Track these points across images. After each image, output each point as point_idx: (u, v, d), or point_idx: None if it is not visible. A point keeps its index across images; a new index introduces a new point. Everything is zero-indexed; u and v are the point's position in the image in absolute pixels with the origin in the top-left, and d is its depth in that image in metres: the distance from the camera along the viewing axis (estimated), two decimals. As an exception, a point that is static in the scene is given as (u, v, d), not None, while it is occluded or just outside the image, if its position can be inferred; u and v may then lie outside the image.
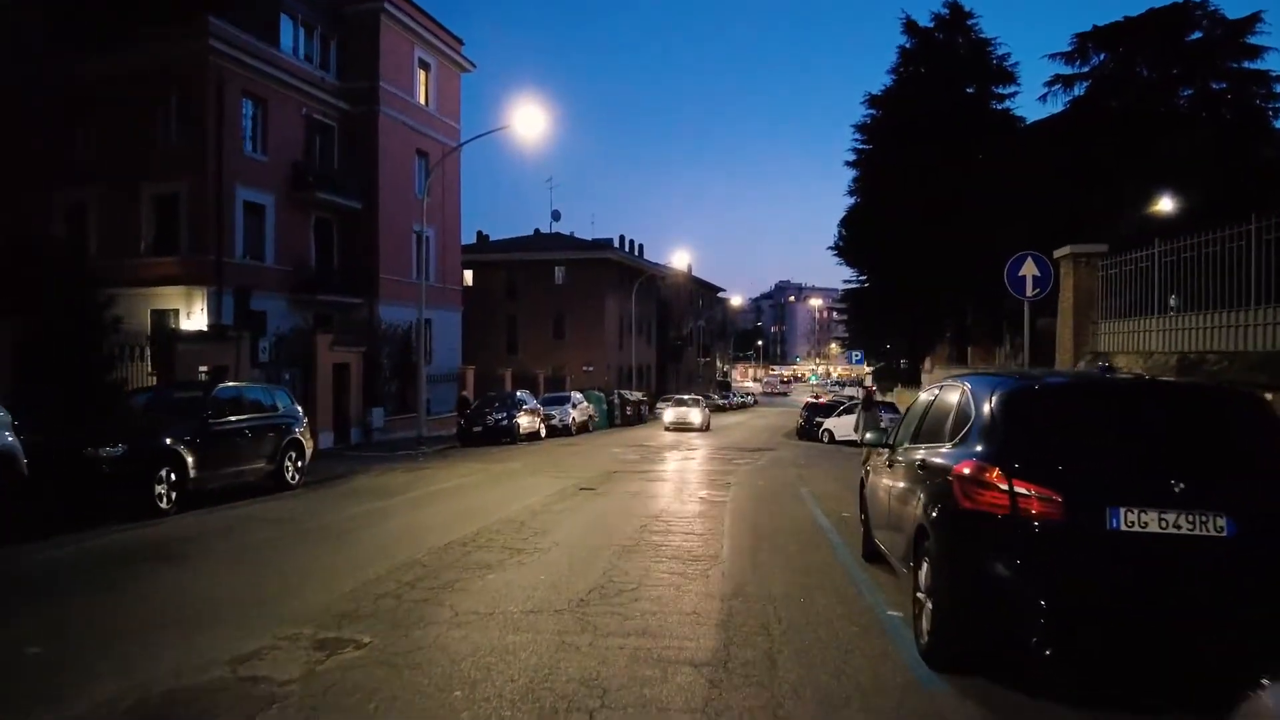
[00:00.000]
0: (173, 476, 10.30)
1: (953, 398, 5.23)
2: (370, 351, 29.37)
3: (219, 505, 10.99)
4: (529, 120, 23.41)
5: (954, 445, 4.70)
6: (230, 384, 13.60)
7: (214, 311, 26.54)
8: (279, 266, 29.63)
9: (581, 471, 15.48)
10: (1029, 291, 10.67)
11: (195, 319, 25.74)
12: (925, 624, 4.57)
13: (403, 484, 13.94)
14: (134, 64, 26.83)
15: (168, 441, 10.50)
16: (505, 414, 24.88)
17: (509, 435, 24.57)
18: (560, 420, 29.44)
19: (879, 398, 24.49)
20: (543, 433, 27.37)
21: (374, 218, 33.31)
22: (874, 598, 5.94)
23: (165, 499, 10.15)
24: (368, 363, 27.28)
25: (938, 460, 4.78)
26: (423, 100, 37.32)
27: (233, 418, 12.00)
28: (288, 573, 6.94)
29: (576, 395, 33.35)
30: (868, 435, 6.94)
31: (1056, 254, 13.99)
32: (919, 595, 4.74)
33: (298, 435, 13.50)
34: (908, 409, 6.55)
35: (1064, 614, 3.82)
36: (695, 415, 34.08)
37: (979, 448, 4.33)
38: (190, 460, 10.66)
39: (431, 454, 21.75)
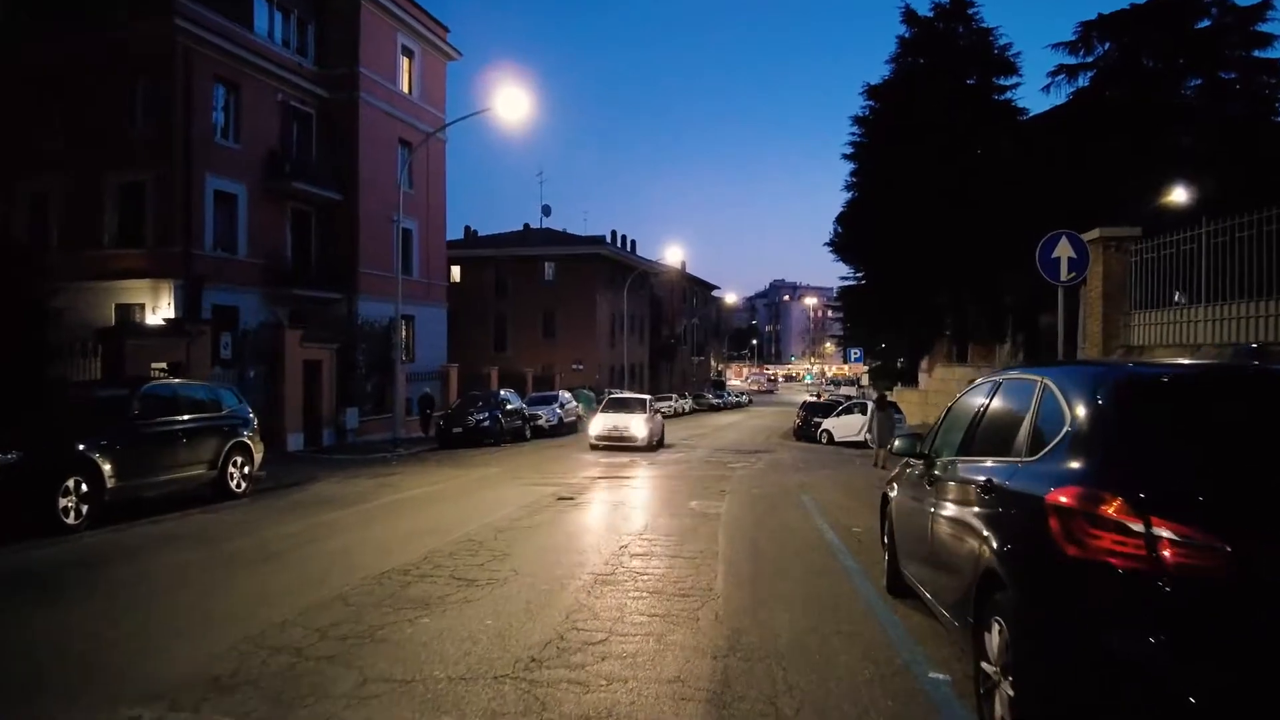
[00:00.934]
0: (84, 487, 8.92)
1: (1023, 396, 3.91)
2: (346, 349, 27.98)
3: (143, 518, 9.63)
4: (512, 103, 22.11)
5: (1036, 460, 3.39)
6: (163, 381, 12.21)
7: (181, 306, 25.15)
8: (252, 259, 28.24)
9: (563, 477, 14.16)
10: (1063, 275, 9.41)
11: (162, 314, 24.37)
12: (999, 710, 3.27)
13: (362, 492, 12.60)
14: (97, 46, 25.43)
15: (80, 447, 9.12)
16: (488, 414, 23.52)
17: (491, 437, 23.22)
18: (547, 420, 28.09)
19: (891, 397, 23.15)
20: (528, 434, 26.03)
21: (354, 209, 31.92)
22: (910, 651, 4.63)
23: (74, 513, 8.78)
24: (342, 360, 25.92)
25: (1015, 483, 3.46)
26: (406, 88, 35.94)
27: (165, 419, 10.63)
28: (177, 613, 5.59)
29: (565, 394, 31.99)
30: (896, 442, 5.63)
31: (1084, 238, 12.78)
32: (987, 667, 3.43)
33: (245, 438, 12.14)
34: (947, 411, 5.25)
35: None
36: (637, 427, 21.53)
37: (1081, 465, 3.03)
38: (108, 468, 9.30)
39: (406, 457, 20.41)
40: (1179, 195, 26.62)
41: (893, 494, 6.07)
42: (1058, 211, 30.99)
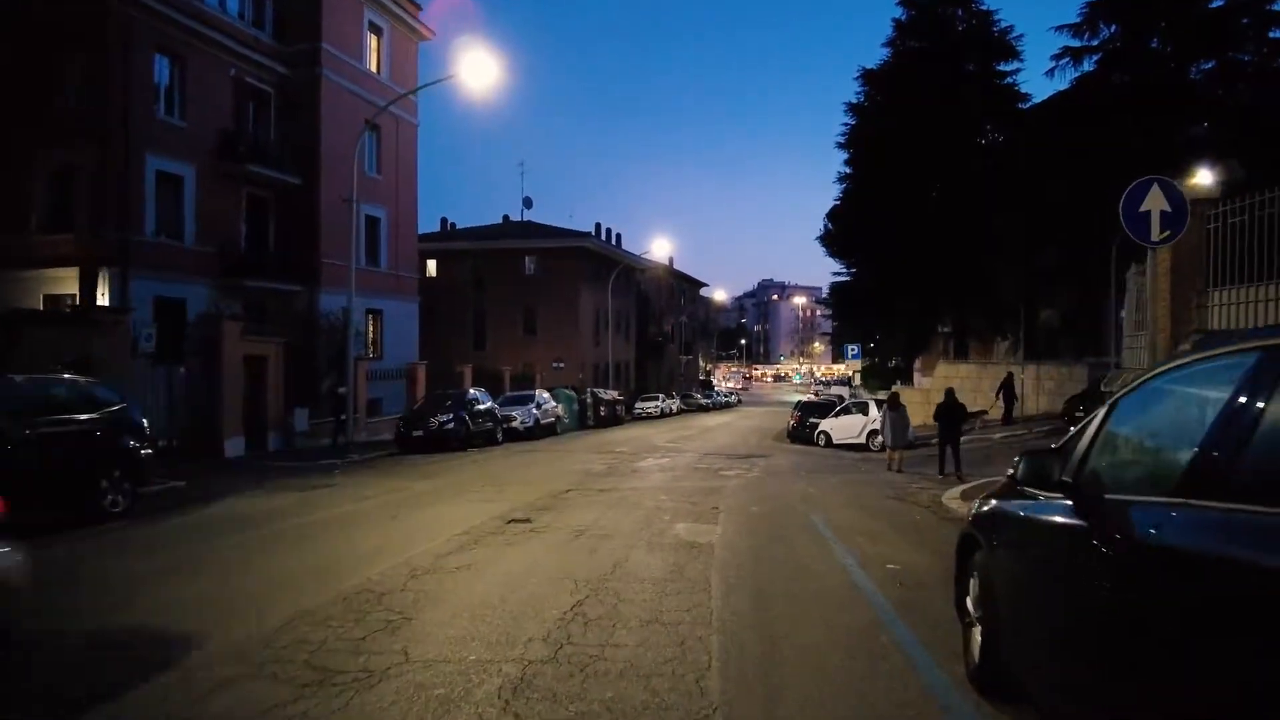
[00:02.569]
0: None
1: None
2: (304, 344, 25.64)
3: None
4: (479, 70, 19.88)
5: None
6: None
7: (118, 296, 22.80)
8: (201, 248, 25.87)
9: (523, 491, 11.92)
10: (1155, 234, 7.28)
11: (100, 304, 22.02)
12: None
13: (275, 511, 10.31)
14: (25, 12, 23.13)
15: None
16: (452, 416, 21.21)
17: (457, 440, 20.94)
18: (522, 422, 25.80)
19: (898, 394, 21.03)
20: (500, 437, 23.76)
21: (315, 195, 29.60)
22: None
23: None
24: (296, 357, 23.58)
25: None
26: (374, 68, 33.61)
27: None
28: None
29: (542, 394, 29.71)
30: (1020, 465, 3.43)
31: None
32: None
33: (129, 446, 9.87)
34: (1110, 410, 3.04)
35: None
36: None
37: None
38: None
39: (355, 465, 18.11)
40: (1204, 177, 24.75)
41: (985, 541, 3.88)
42: (1063, 201, 29.41)
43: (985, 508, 4.06)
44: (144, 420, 10.50)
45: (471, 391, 24.16)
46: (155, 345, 18.12)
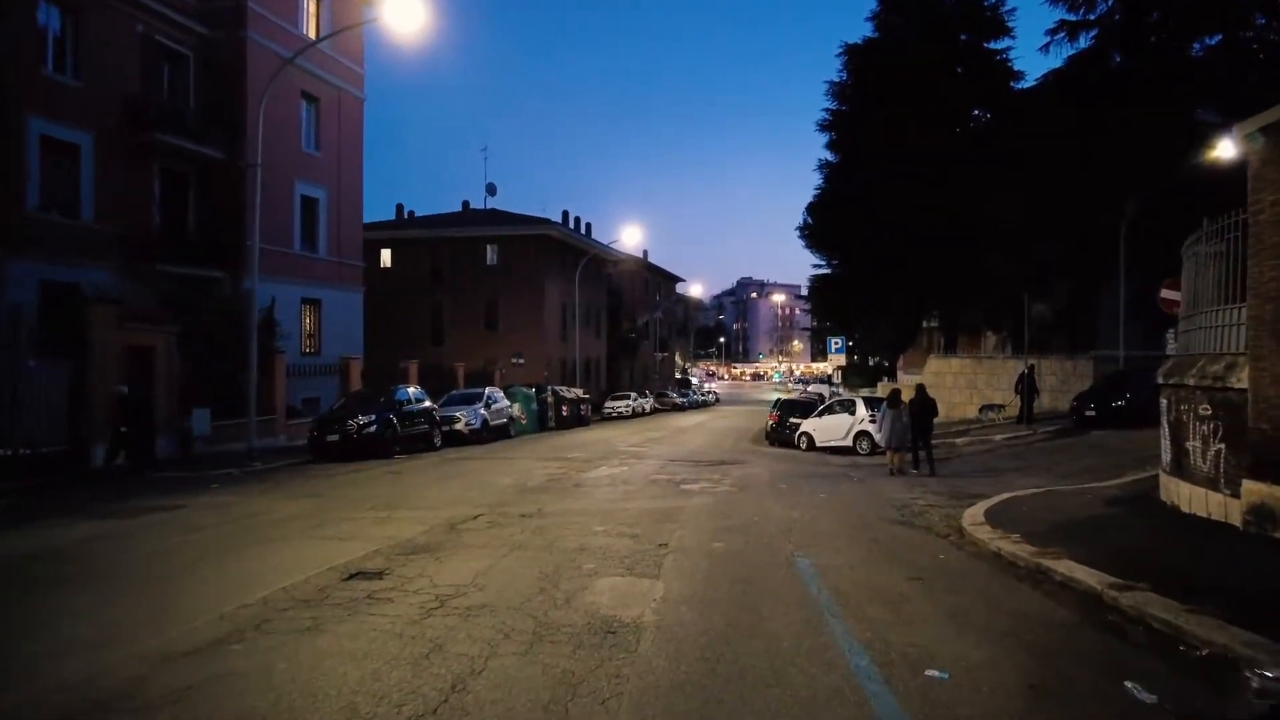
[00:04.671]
0: None
1: None
2: (223, 336, 22.45)
3: None
4: (404, 12, 16.89)
5: None
6: None
7: (-10, 280, 19.61)
8: (102, 226, 22.64)
9: (413, 520, 8.98)
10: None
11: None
12: None
13: (46, 550, 7.34)
14: None
15: None
16: (375, 418, 18.19)
17: (380, 445, 17.95)
18: (467, 424, 22.76)
19: (899, 391, 18.54)
20: (438, 441, 20.76)
21: (241, 171, 26.44)
22: None
23: None
24: (205, 349, 20.47)
25: None
26: (311, 33, 30.38)
27: None
28: None
29: (494, 392, 26.64)
30: None
31: (1238, 131, 8.06)
32: None
33: None
34: None
35: None
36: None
37: None
38: None
39: (250, 475, 15.10)
40: (1227, 150, 22.37)
41: None
42: (1060, 187, 27.08)
43: None
44: None
45: (407, 390, 21.07)
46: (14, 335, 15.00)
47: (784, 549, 7.43)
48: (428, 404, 21.34)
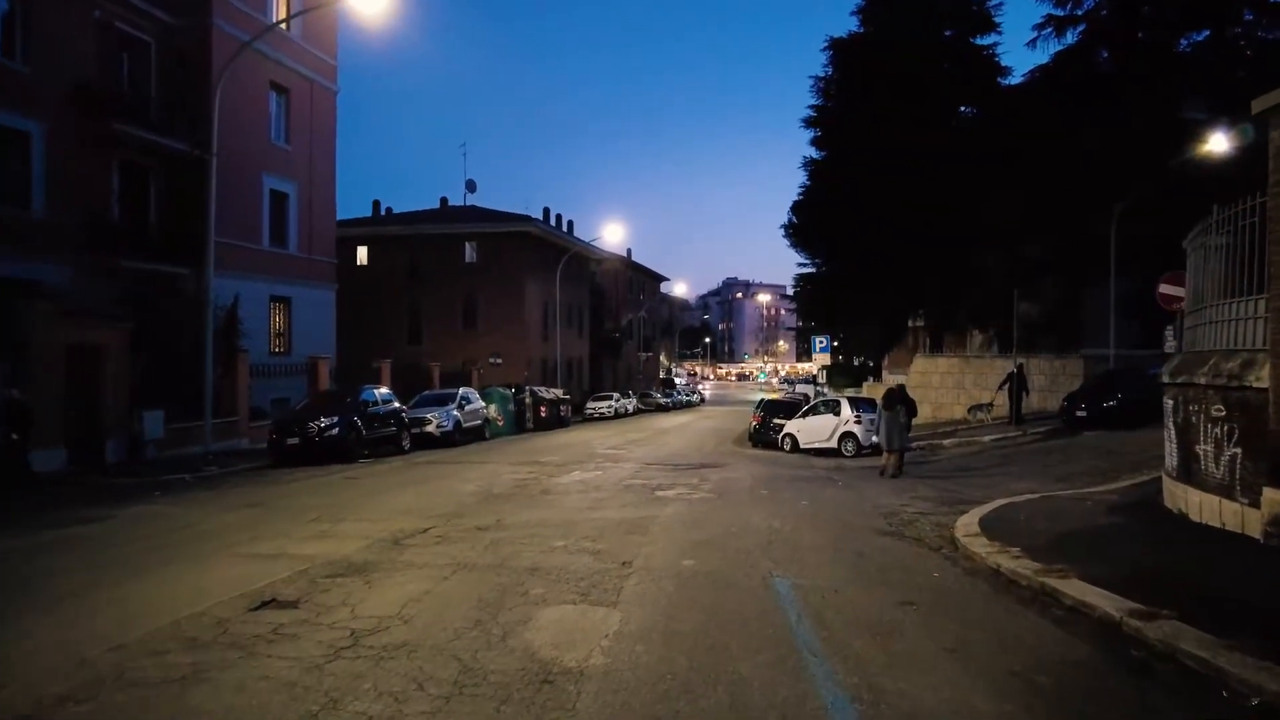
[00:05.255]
0: None
1: None
2: (183, 334, 21.49)
3: None
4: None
5: None
6: None
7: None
8: (56, 219, 21.59)
9: (356, 533, 8.14)
10: None
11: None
12: None
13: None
14: None
15: None
16: (338, 420, 17.30)
17: (343, 449, 17.05)
18: (439, 426, 21.87)
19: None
20: (406, 444, 19.87)
21: (206, 164, 25.44)
22: None
23: None
24: (165, 348, 19.50)
25: None
26: (283, 24, 29.42)
27: None
28: None
29: (468, 392, 25.74)
30: None
31: (1256, 106, 7.33)
32: None
33: None
34: None
35: None
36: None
37: None
38: None
39: (204, 481, 14.21)
40: (1220, 144, 21.88)
41: None
42: (1049, 185, 26.60)
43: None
44: None
45: (370, 390, 20.15)
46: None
47: (761, 567, 6.67)
48: (396, 405, 20.44)
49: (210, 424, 16.52)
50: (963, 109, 34.65)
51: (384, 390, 21.02)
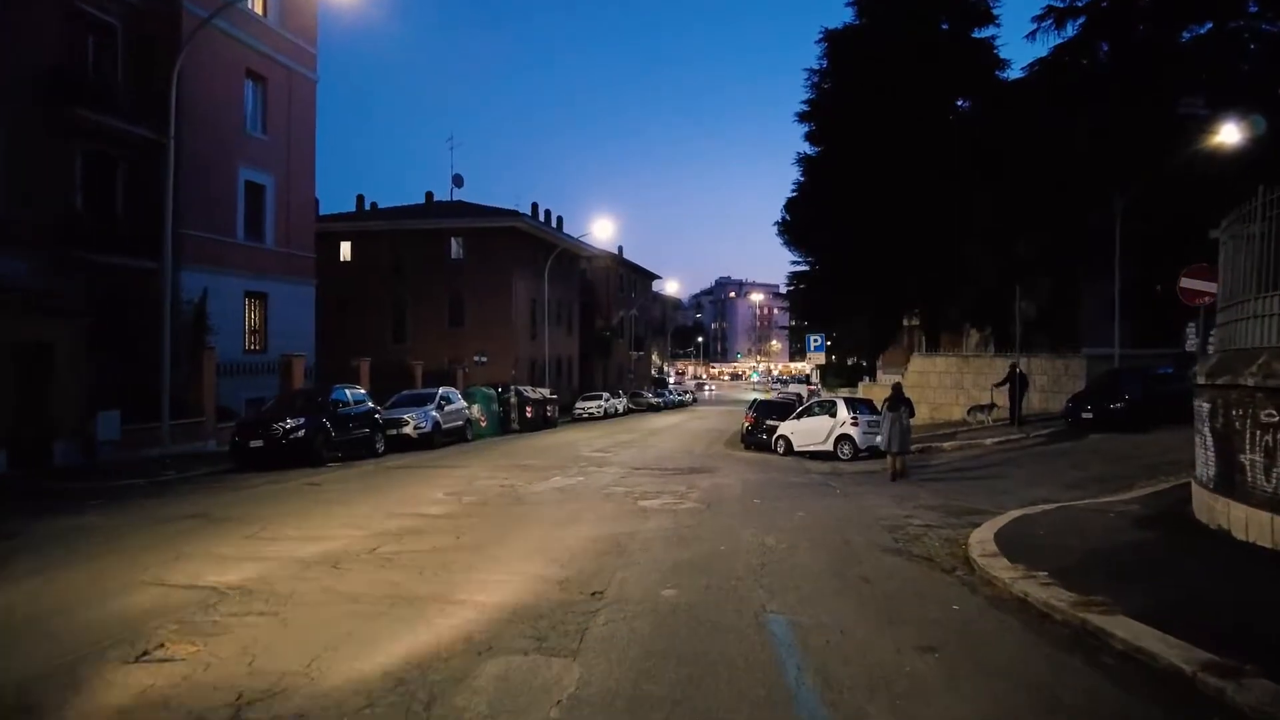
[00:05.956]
0: None
1: None
2: (143, 330, 20.41)
3: None
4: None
5: None
6: None
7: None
8: (14, 212, 20.52)
9: (292, 552, 7.15)
10: None
11: None
12: None
13: None
14: None
15: None
16: (304, 421, 16.28)
17: (310, 452, 16.04)
18: (416, 428, 20.87)
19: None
20: (380, 446, 18.86)
21: (176, 154, 24.37)
22: None
23: None
24: (129, 345, 18.45)
25: None
26: (259, 7, 28.35)
27: None
28: None
29: (449, 392, 24.72)
30: None
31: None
32: None
33: None
34: None
35: None
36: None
37: None
38: None
39: (157, 486, 13.20)
40: (1230, 135, 21.10)
41: None
42: (1045, 180, 25.81)
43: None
44: None
45: (342, 389, 19.11)
46: None
47: (754, 599, 5.72)
48: (369, 405, 19.42)
49: (168, 425, 15.50)
50: (960, 103, 33.87)
51: (358, 390, 19.99)
